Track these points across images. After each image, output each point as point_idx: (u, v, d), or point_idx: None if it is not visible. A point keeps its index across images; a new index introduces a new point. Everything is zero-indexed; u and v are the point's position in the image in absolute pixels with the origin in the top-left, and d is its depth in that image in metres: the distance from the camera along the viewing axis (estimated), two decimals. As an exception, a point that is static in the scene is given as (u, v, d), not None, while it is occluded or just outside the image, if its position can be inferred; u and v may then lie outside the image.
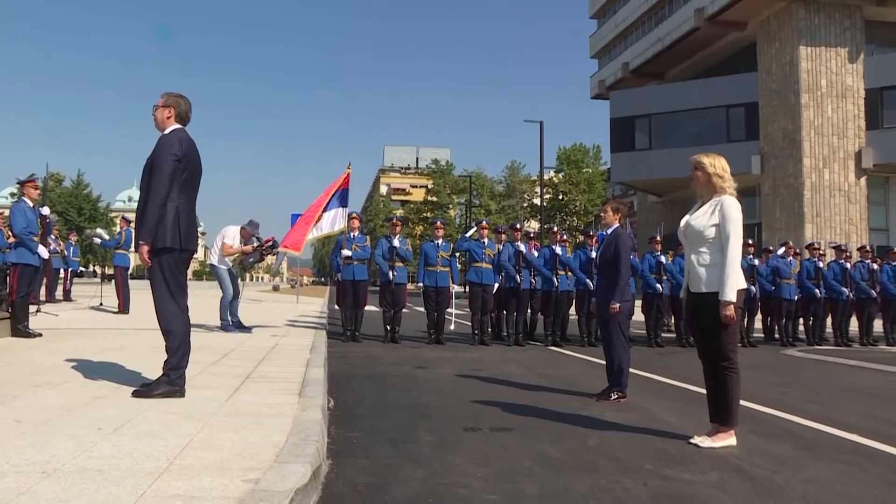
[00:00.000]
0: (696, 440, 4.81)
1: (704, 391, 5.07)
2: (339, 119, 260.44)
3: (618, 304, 6.70)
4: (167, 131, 5.28)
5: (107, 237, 17.83)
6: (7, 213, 15.90)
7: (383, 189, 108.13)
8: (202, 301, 16.67)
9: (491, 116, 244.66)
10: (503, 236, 12.66)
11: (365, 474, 3.88)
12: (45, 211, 10.90)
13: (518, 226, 12.91)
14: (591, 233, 12.97)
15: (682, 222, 5.05)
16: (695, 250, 4.91)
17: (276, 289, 47.31)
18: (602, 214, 7.27)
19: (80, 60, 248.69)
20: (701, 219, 4.88)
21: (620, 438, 5.00)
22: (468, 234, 12.79)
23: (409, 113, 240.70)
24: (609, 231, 7.01)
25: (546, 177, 48.23)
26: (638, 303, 10.98)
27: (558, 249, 12.47)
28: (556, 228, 13.27)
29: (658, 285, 12.90)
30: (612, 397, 6.55)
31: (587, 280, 12.17)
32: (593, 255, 12.02)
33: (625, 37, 48.17)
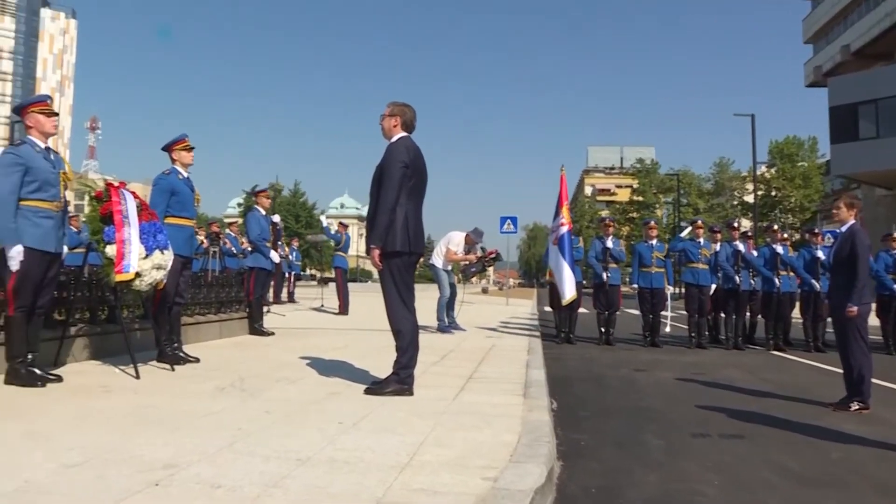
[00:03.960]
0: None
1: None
2: (542, 120, 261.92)
3: (856, 308, 6.23)
4: (394, 139, 5.48)
5: (322, 224, 18.78)
6: (241, 221, 17.29)
7: (588, 190, 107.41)
8: (418, 302, 17.22)
9: (696, 112, 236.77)
10: (718, 235, 12.18)
11: (596, 477, 3.87)
12: (276, 219, 11.73)
13: (735, 224, 12.37)
14: (817, 230, 12.19)
15: None
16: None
17: (484, 291, 48.06)
18: (835, 211, 6.80)
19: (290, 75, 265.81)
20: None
21: (868, 454, 4.63)
22: (683, 234, 12.42)
23: (611, 112, 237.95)
24: (844, 228, 6.54)
25: (757, 172, 45.79)
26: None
27: (779, 249, 11.82)
28: (776, 227, 12.58)
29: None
30: (853, 407, 6.09)
31: (812, 281, 11.44)
32: (819, 254, 11.31)
33: (844, 16, 44.64)
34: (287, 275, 21.51)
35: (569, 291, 10.90)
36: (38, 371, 5.46)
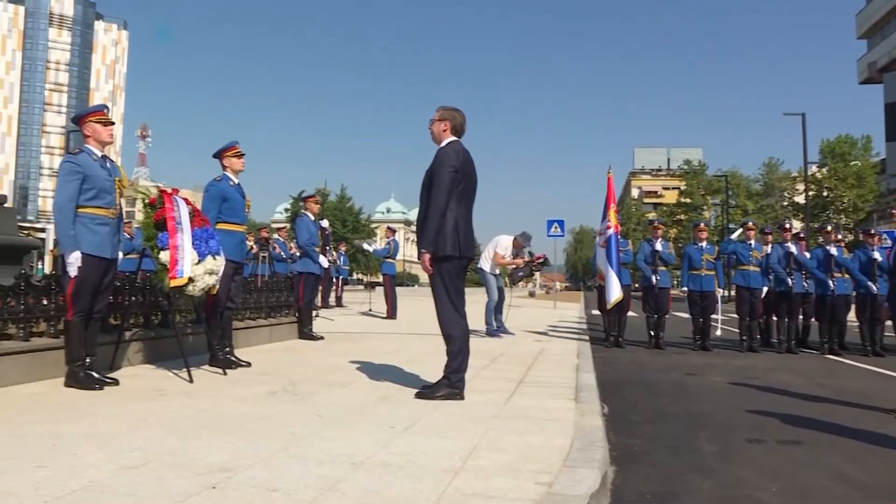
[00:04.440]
0: None
1: None
2: (589, 122, 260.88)
3: (917, 311, 6.06)
4: (444, 144, 5.48)
5: (369, 248, 19.03)
6: (289, 227, 17.49)
7: (634, 192, 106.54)
8: (466, 307, 17.21)
9: (745, 112, 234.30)
10: (770, 237, 11.98)
11: (650, 482, 3.82)
12: (325, 224, 11.81)
13: (787, 226, 12.16)
14: (873, 231, 11.91)
15: None
16: None
17: (531, 294, 47.93)
18: (893, 211, 6.64)
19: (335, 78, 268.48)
20: None
21: (935, 463, 4.48)
22: (734, 236, 12.23)
23: (658, 113, 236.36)
24: (904, 229, 6.38)
25: (808, 172, 44.84)
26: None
27: (833, 250, 11.56)
28: (829, 228, 12.32)
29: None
30: (917, 414, 5.92)
31: (868, 283, 11.18)
32: (875, 255, 11.05)
33: (902, 9, 43.63)
34: (335, 279, 21.69)
35: (613, 294, 10.83)
36: (95, 374, 5.58)
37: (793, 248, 11.45)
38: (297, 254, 11.60)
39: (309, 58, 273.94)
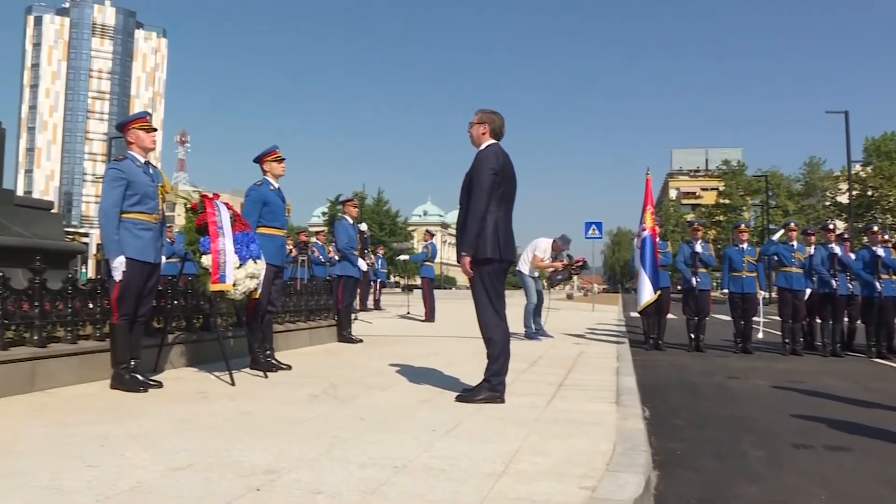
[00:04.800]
0: None
1: None
2: (625, 123, 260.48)
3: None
4: (483, 147, 5.47)
5: (406, 258, 19.10)
6: (328, 230, 17.62)
7: (672, 193, 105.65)
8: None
9: (785, 111, 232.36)
10: (812, 238, 11.79)
11: (695, 488, 3.77)
12: (363, 227, 11.86)
13: (831, 226, 11.96)
14: (920, 232, 11.68)
15: None
16: None
17: (569, 297, 47.63)
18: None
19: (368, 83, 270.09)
20: None
21: None
22: (775, 237, 12.06)
23: (696, 113, 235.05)
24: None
25: (852, 171, 43.96)
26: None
27: (880, 251, 11.34)
28: (876, 228, 12.09)
29: None
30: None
31: (918, 284, 10.94)
32: (923, 256, 10.83)
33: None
34: (373, 282, 21.77)
35: (644, 296, 10.78)
36: (140, 377, 5.65)
37: (837, 249, 11.27)
38: (336, 257, 11.66)
39: (345, 62, 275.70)
